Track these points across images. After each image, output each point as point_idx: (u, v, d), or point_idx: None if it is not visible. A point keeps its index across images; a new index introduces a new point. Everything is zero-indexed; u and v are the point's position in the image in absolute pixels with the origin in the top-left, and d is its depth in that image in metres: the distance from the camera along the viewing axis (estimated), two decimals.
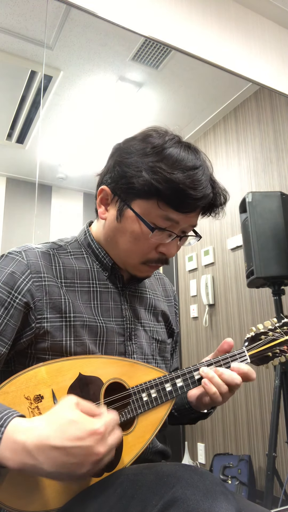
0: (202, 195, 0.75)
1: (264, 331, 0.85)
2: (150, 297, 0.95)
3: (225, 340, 0.83)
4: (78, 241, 0.89)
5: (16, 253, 0.79)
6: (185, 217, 0.78)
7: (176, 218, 0.77)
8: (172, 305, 1.02)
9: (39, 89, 2.31)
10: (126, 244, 0.80)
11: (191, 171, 0.74)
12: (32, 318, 0.75)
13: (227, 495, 0.55)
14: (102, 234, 0.86)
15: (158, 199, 0.75)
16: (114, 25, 1.96)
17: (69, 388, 0.70)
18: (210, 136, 3.14)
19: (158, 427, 0.75)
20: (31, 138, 2.57)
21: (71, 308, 0.78)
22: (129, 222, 0.78)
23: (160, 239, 0.78)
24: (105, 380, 0.73)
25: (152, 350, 0.89)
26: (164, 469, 0.60)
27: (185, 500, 0.53)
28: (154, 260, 0.81)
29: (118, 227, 0.80)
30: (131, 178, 0.76)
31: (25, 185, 2.72)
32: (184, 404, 0.89)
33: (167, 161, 0.74)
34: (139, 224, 0.77)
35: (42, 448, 0.55)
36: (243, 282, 2.64)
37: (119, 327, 0.84)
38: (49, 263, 0.80)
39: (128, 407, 0.74)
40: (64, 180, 2.90)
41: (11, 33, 2.05)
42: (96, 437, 0.57)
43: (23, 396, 0.67)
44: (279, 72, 2.52)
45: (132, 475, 0.62)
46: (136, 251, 0.80)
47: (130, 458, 0.71)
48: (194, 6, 2.23)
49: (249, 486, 2.18)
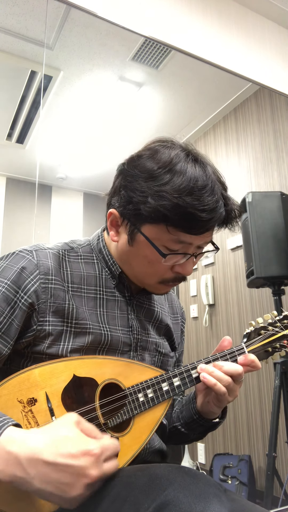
0: (213, 216, 0.71)
1: (264, 325, 0.83)
2: (158, 310, 0.92)
3: (224, 338, 0.82)
4: (90, 245, 0.87)
5: (27, 252, 0.78)
6: (198, 237, 0.74)
7: (189, 240, 0.74)
8: (178, 323, 0.99)
9: (39, 89, 2.31)
10: (140, 267, 0.79)
11: (199, 191, 0.70)
12: (35, 320, 0.74)
13: (220, 497, 0.55)
14: (115, 252, 0.84)
15: (167, 224, 0.71)
16: (114, 25, 1.96)
17: (63, 390, 0.69)
18: (210, 136, 3.14)
19: (155, 428, 0.74)
20: (31, 138, 2.57)
21: (74, 314, 0.76)
22: (141, 247, 0.76)
23: (175, 262, 0.76)
24: (100, 381, 0.72)
25: (154, 363, 0.88)
26: (157, 472, 0.59)
27: (177, 503, 0.52)
28: (171, 279, 0.79)
29: (131, 250, 0.78)
30: (138, 204, 0.72)
31: (25, 185, 2.72)
32: (192, 415, 0.86)
33: (173, 183, 0.70)
34: (151, 249, 0.74)
35: (33, 461, 0.54)
36: (243, 282, 2.64)
37: (125, 337, 0.82)
38: (58, 265, 0.79)
39: (124, 408, 0.73)
40: (64, 180, 2.90)
41: (11, 33, 2.05)
42: (89, 458, 0.55)
43: (16, 399, 0.66)
44: (279, 72, 2.52)
45: (125, 477, 0.61)
46: (152, 274, 0.79)
47: (126, 460, 0.70)
48: (194, 6, 2.23)
49: (249, 486, 2.18)
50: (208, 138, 3.15)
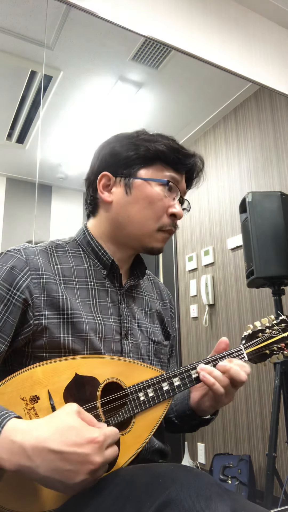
0: (192, 153, 0.89)
1: (262, 328, 0.85)
2: (146, 298, 0.96)
3: (221, 340, 0.84)
4: (76, 240, 0.90)
5: (15, 251, 0.80)
6: (181, 179, 0.88)
7: (177, 177, 0.86)
8: (167, 308, 1.02)
9: (39, 89, 2.31)
10: (140, 212, 0.85)
11: (174, 140, 0.88)
12: (30, 315, 0.75)
13: (223, 496, 0.55)
14: (106, 224, 0.89)
15: (161, 162, 0.85)
16: (114, 25, 1.96)
17: (65, 388, 0.70)
18: (210, 136, 3.14)
19: (156, 427, 0.75)
20: (31, 138, 2.57)
21: (69, 305, 0.78)
22: (140, 189, 0.85)
23: (169, 199, 0.86)
24: (101, 380, 0.73)
25: (148, 351, 0.89)
26: (159, 470, 0.60)
27: (179, 501, 0.52)
28: (168, 224, 0.86)
29: (128, 200, 0.85)
30: (130, 151, 0.85)
31: (25, 185, 2.72)
32: (186, 410, 0.88)
33: (156, 136, 0.88)
34: (150, 186, 0.84)
35: (39, 450, 0.55)
36: (243, 282, 2.64)
37: (116, 325, 0.84)
38: (48, 261, 0.81)
39: (125, 407, 0.73)
40: (64, 180, 2.90)
41: (11, 33, 2.05)
42: (94, 445, 0.57)
43: (19, 397, 0.67)
44: (279, 72, 2.52)
45: (128, 476, 0.62)
46: (151, 216, 0.85)
47: (127, 458, 0.71)
48: (194, 6, 2.23)
49: (249, 486, 2.18)
50: (208, 138, 3.15)
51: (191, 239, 3.16)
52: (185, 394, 0.89)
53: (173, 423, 0.92)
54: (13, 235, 2.55)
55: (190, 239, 3.18)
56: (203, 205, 3.07)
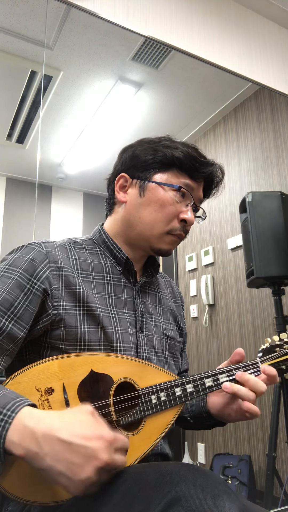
0: (211, 162, 0.90)
1: (280, 343, 0.84)
2: (160, 295, 0.99)
3: (236, 351, 0.83)
4: (92, 239, 0.94)
5: (36, 244, 0.83)
6: (197, 187, 0.90)
7: (192, 185, 0.88)
8: (179, 305, 1.07)
9: (39, 89, 2.31)
10: (151, 214, 0.87)
11: (196, 149, 0.90)
12: (49, 305, 0.78)
13: (230, 494, 0.55)
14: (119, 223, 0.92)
15: (177, 168, 0.87)
16: (114, 25, 1.96)
17: (80, 383, 0.71)
18: (210, 136, 3.14)
19: (165, 431, 0.75)
20: (31, 138, 2.57)
21: (86, 298, 0.81)
22: (153, 193, 0.87)
23: (181, 205, 0.88)
24: (115, 379, 0.74)
25: (162, 345, 0.91)
26: (167, 468, 0.60)
27: (188, 498, 0.53)
28: (177, 228, 0.88)
29: (141, 201, 0.88)
30: (149, 156, 0.88)
31: (25, 185, 2.72)
32: (202, 413, 0.88)
33: (177, 143, 0.90)
34: (164, 190, 0.87)
35: (49, 438, 0.56)
36: (243, 282, 2.64)
37: (131, 319, 0.87)
38: (66, 255, 0.85)
39: (136, 408, 0.74)
40: (64, 180, 2.90)
41: (11, 33, 2.06)
42: (102, 442, 0.57)
43: (34, 387, 0.68)
44: (279, 72, 2.52)
45: (135, 474, 0.62)
46: (161, 219, 0.87)
47: (134, 459, 0.71)
48: (194, 6, 2.23)
49: (249, 486, 2.18)
50: (208, 138, 3.15)
51: (191, 239, 3.16)
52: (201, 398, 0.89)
53: (187, 422, 0.93)
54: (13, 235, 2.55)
55: (190, 239, 3.18)
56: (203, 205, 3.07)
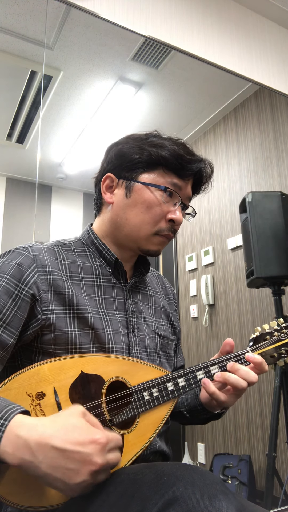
0: (198, 158, 0.88)
1: (270, 331, 0.85)
2: (151, 294, 0.98)
3: (226, 341, 0.84)
4: (81, 240, 0.93)
5: (22, 248, 0.82)
6: (184, 185, 0.87)
7: (179, 184, 0.86)
8: (171, 302, 1.06)
9: (39, 89, 2.31)
10: (138, 216, 0.85)
11: (183, 145, 0.88)
12: (38, 310, 0.77)
13: (227, 494, 0.55)
14: (107, 224, 0.90)
15: (163, 168, 0.85)
16: (114, 25, 1.96)
17: (70, 386, 0.70)
18: (210, 136, 3.14)
19: (160, 426, 0.75)
20: (31, 138, 2.57)
21: (75, 301, 0.80)
22: (139, 194, 0.85)
23: (169, 205, 0.86)
24: (106, 379, 0.74)
25: (155, 345, 0.91)
26: (164, 469, 0.60)
27: (185, 499, 0.53)
28: (165, 229, 0.86)
29: (128, 202, 0.86)
30: (135, 155, 0.86)
31: (25, 185, 2.72)
32: (196, 405, 0.89)
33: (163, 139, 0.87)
34: (150, 191, 0.85)
35: (42, 446, 0.55)
36: (243, 282, 2.64)
37: (122, 320, 0.86)
38: (55, 258, 0.84)
39: (129, 406, 0.74)
40: (64, 180, 2.90)
41: (11, 33, 2.05)
42: (96, 446, 0.57)
43: (25, 393, 0.68)
44: (279, 72, 2.52)
45: (132, 474, 0.63)
46: (148, 220, 0.85)
47: (130, 457, 0.71)
48: (194, 6, 2.23)
49: (249, 486, 2.18)
50: (208, 138, 3.15)
51: (191, 239, 3.16)
52: (196, 390, 0.90)
53: (184, 416, 0.93)
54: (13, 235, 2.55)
55: (190, 239, 3.18)
56: (203, 205, 3.07)
